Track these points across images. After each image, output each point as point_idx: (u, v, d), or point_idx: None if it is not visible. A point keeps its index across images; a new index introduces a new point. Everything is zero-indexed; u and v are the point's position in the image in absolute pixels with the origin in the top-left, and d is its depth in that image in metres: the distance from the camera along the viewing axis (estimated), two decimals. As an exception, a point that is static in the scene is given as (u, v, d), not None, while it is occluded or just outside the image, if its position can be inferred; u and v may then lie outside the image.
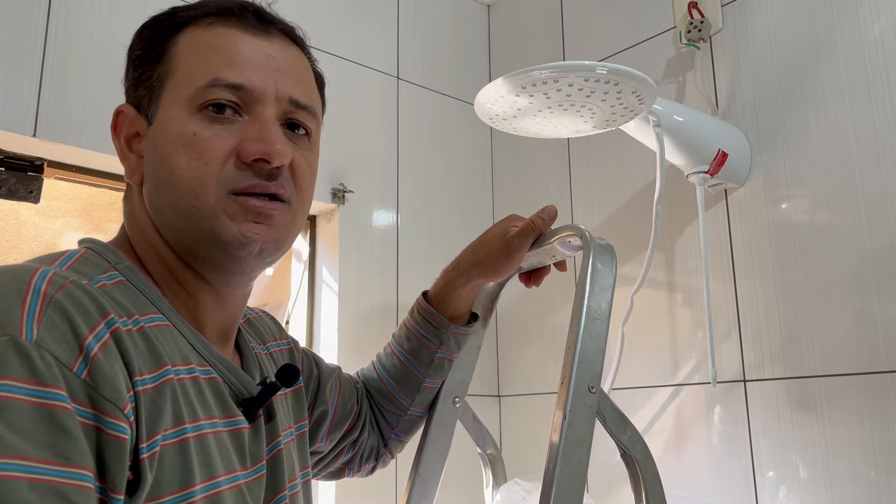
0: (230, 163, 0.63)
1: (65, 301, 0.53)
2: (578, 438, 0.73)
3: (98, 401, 0.51)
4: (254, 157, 0.63)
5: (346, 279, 1.53)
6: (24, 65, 1.18)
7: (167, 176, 0.63)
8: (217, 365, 0.66)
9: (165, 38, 0.67)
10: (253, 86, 0.65)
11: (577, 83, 1.01)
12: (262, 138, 0.64)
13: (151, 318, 0.61)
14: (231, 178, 0.63)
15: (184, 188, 0.63)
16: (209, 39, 0.66)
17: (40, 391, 0.49)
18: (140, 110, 0.67)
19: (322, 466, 0.95)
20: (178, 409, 0.59)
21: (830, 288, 1.21)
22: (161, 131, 0.65)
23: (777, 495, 1.23)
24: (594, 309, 0.80)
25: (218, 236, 0.63)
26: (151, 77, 0.66)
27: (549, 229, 0.92)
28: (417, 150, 1.71)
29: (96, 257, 0.63)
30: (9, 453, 0.46)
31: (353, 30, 1.65)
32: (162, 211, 0.65)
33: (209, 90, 0.64)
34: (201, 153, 0.63)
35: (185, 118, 0.64)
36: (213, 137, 0.63)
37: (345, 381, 0.96)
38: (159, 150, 0.64)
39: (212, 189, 0.63)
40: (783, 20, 1.33)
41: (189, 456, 0.58)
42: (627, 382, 1.45)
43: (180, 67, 0.65)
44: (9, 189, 1.20)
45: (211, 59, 0.65)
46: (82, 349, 0.52)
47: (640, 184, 1.51)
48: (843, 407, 1.17)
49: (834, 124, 1.24)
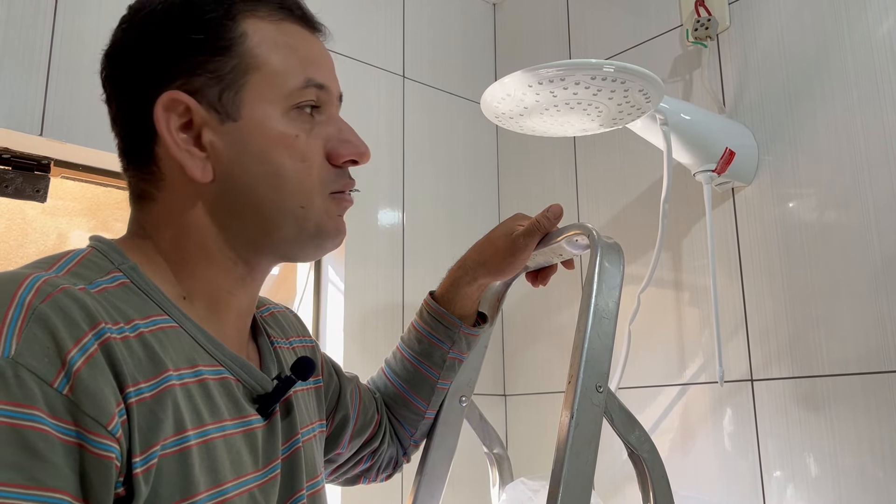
0: (325, 163, 0.67)
1: (49, 312, 0.51)
2: (586, 438, 0.73)
3: (80, 418, 0.50)
4: (347, 158, 0.68)
5: (352, 278, 1.53)
6: (30, 64, 1.18)
7: (270, 176, 0.64)
8: (228, 363, 0.64)
9: (229, 27, 0.64)
10: (331, 86, 0.68)
11: (584, 81, 1.01)
12: (349, 139, 0.68)
13: (154, 321, 0.59)
14: (330, 179, 0.67)
15: (291, 189, 0.65)
16: (286, 37, 0.66)
17: (13, 411, 0.47)
18: (201, 101, 0.63)
19: (340, 473, 0.94)
20: (179, 417, 0.57)
21: (839, 287, 1.20)
22: (255, 129, 0.64)
23: (784, 495, 1.22)
24: (602, 308, 0.79)
25: (322, 233, 0.67)
26: (222, 68, 0.63)
27: (555, 228, 0.92)
28: (423, 149, 1.71)
29: (100, 257, 0.61)
30: None
31: (360, 29, 1.65)
32: (254, 209, 0.65)
33: (304, 91, 0.65)
34: (304, 155, 0.65)
35: (280, 117, 0.64)
36: (311, 140, 0.66)
37: (364, 389, 0.95)
38: (254, 148, 0.64)
39: (318, 191, 0.66)
40: (790, 18, 1.33)
41: (190, 465, 0.57)
42: (634, 382, 1.45)
43: (265, 64, 0.64)
44: (15, 188, 1.20)
45: (296, 58, 0.66)
46: (64, 364, 0.50)
47: (647, 182, 1.51)
48: (852, 406, 1.17)
49: (842, 122, 1.23)
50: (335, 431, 0.88)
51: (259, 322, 0.76)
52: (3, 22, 1.16)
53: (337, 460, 0.91)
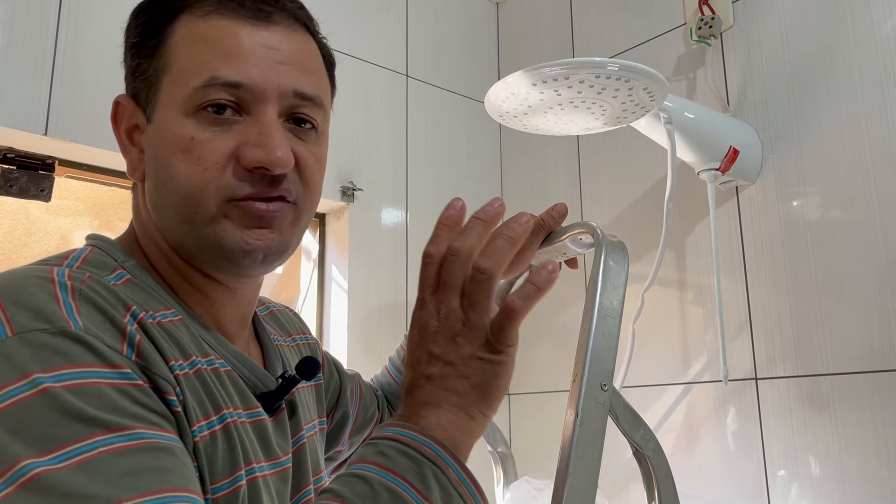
0: (230, 168, 0.60)
1: (90, 293, 0.53)
2: (591, 436, 0.73)
3: (154, 379, 0.53)
4: (253, 164, 0.60)
5: (356, 277, 1.53)
6: (35, 64, 1.18)
7: (166, 180, 0.61)
8: (232, 360, 0.65)
9: (161, 27, 0.63)
10: (253, 83, 0.60)
11: (588, 80, 1.01)
12: (262, 143, 0.60)
13: (164, 315, 0.60)
14: (231, 185, 0.60)
15: (183, 194, 0.60)
16: (205, 31, 0.61)
17: (112, 372, 0.50)
18: (138, 102, 0.64)
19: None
20: (213, 396, 0.59)
21: (843, 285, 1.20)
22: (159, 133, 0.62)
23: (789, 493, 1.22)
24: (606, 307, 0.79)
25: (220, 243, 0.61)
26: (148, 70, 0.63)
27: (560, 227, 0.92)
28: (427, 148, 1.71)
29: (102, 255, 0.62)
30: (107, 428, 0.47)
31: (363, 28, 1.65)
32: (163, 214, 0.63)
33: (206, 90, 0.60)
34: (200, 158, 0.59)
35: (182, 120, 0.60)
36: (211, 141, 0.60)
37: (365, 387, 0.95)
38: (158, 152, 0.62)
39: (212, 196, 0.60)
40: (794, 16, 1.32)
41: (234, 441, 0.59)
42: (638, 380, 1.45)
43: (176, 63, 0.61)
44: (20, 187, 1.20)
45: (207, 55, 0.60)
46: (125, 334, 0.53)
47: (651, 181, 1.51)
48: (856, 405, 1.16)
49: (846, 121, 1.23)
50: (335, 429, 0.88)
51: (260, 320, 0.76)
52: (7, 23, 1.16)
53: (337, 458, 0.91)
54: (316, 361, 0.72)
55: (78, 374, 0.48)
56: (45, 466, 0.44)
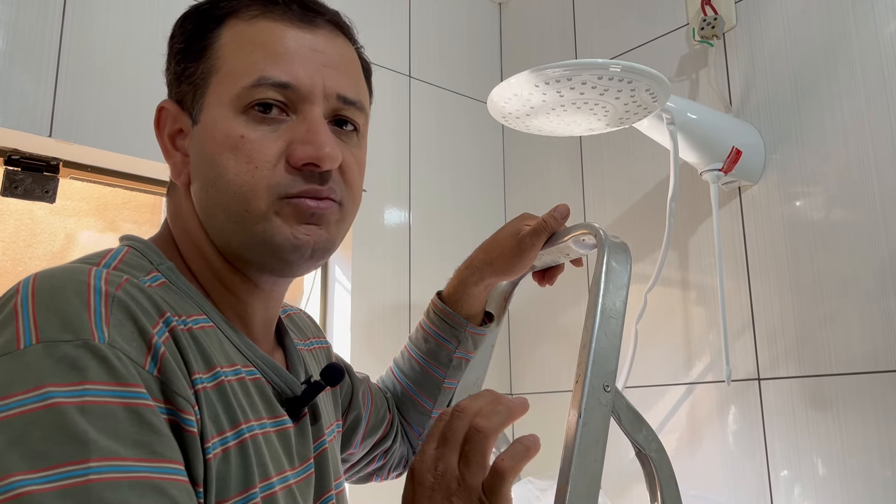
0: (280, 166, 0.61)
1: (126, 299, 0.53)
2: (593, 437, 0.73)
3: (172, 396, 0.52)
4: (304, 161, 0.61)
5: (359, 277, 1.53)
6: (39, 66, 1.18)
7: (216, 179, 0.62)
8: (261, 365, 0.65)
9: (208, 31, 0.64)
10: (300, 83, 0.62)
11: (591, 81, 1.01)
12: (311, 141, 0.62)
13: (196, 320, 0.60)
14: (282, 183, 0.61)
15: (234, 192, 0.61)
16: (253, 34, 0.63)
17: (124, 391, 0.49)
18: (183, 106, 0.65)
19: (353, 472, 0.95)
20: (232, 411, 0.58)
21: (846, 285, 1.20)
22: (207, 132, 0.62)
23: (792, 494, 1.22)
24: (609, 307, 0.79)
25: (270, 240, 0.62)
26: (195, 73, 0.64)
27: (562, 228, 0.92)
28: (429, 149, 1.71)
29: (138, 257, 0.62)
30: (103, 455, 0.46)
31: (365, 28, 1.64)
32: (211, 213, 0.63)
33: (255, 90, 0.61)
34: (250, 157, 0.61)
35: (232, 119, 0.61)
36: (261, 140, 0.61)
37: (375, 389, 0.96)
38: (206, 151, 0.62)
39: (263, 194, 0.61)
40: (797, 16, 1.32)
41: (249, 457, 0.58)
42: (641, 381, 1.45)
43: (225, 64, 0.63)
44: (25, 189, 1.21)
45: (256, 56, 0.62)
46: (150, 347, 0.52)
47: (654, 181, 1.51)
48: (859, 406, 1.16)
49: (849, 121, 1.23)
50: (347, 431, 0.89)
51: (283, 325, 0.76)
52: (12, 25, 1.17)
53: (350, 460, 0.92)
54: (340, 368, 0.72)
55: (90, 392, 0.48)
56: (33, 486, 0.44)
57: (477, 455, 0.58)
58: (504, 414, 0.61)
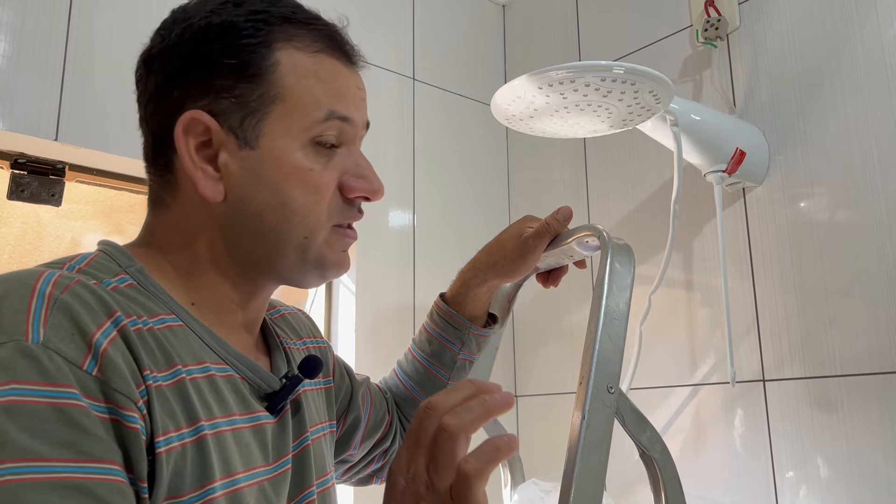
0: (337, 196, 0.68)
1: (70, 300, 0.53)
2: (597, 438, 0.73)
3: (112, 395, 0.52)
4: (359, 194, 0.69)
5: (363, 279, 1.53)
6: (45, 70, 1.19)
7: (277, 207, 0.64)
8: (234, 362, 0.66)
9: (263, 53, 0.64)
10: (356, 120, 0.69)
11: (594, 83, 1.01)
12: (363, 175, 0.69)
13: (162, 320, 0.61)
14: (338, 211, 0.68)
15: (297, 221, 0.65)
16: (316, 69, 0.66)
17: (51, 391, 0.49)
18: (223, 123, 0.64)
19: (353, 473, 0.95)
20: (192, 409, 0.58)
21: (851, 286, 1.20)
22: (271, 160, 0.64)
23: (797, 496, 1.22)
24: (612, 309, 0.79)
25: (322, 263, 0.68)
26: (248, 95, 0.64)
27: (565, 230, 0.92)
28: (433, 151, 1.72)
29: (107, 260, 0.62)
30: (24, 456, 0.46)
31: (369, 31, 1.65)
32: (261, 236, 0.65)
33: (325, 124, 0.66)
34: (317, 188, 0.66)
35: (297, 150, 0.65)
36: (324, 172, 0.66)
37: (374, 390, 0.96)
38: (268, 178, 0.64)
39: (323, 222, 0.67)
40: (801, 17, 1.32)
41: (207, 453, 0.58)
42: (645, 382, 1.45)
43: (291, 95, 0.65)
44: (31, 192, 1.22)
45: (320, 91, 0.66)
46: (91, 346, 0.52)
47: (657, 183, 1.51)
48: (864, 407, 1.16)
49: (853, 122, 1.23)
50: (347, 432, 0.89)
51: (269, 324, 0.77)
52: (18, 29, 1.17)
53: (350, 461, 0.92)
54: (318, 360, 0.73)
55: (16, 392, 0.48)
56: None
57: (444, 457, 0.53)
58: (477, 411, 0.55)
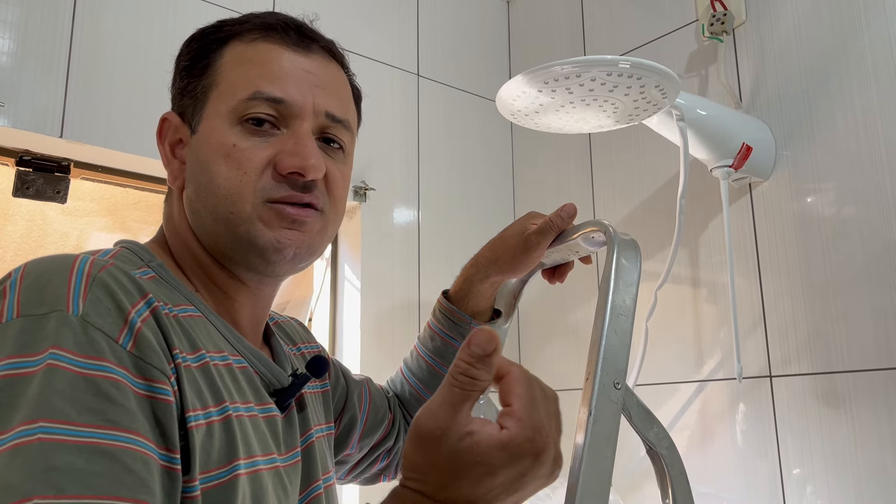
0: (267, 173, 0.67)
1: (108, 279, 0.56)
2: (604, 435, 0.73)
3: (146, 369, 0.54)
4: (289, 170, 0.67)
5: (368, 276, 1.53)
6: (50, 68, 1.19)
7: (207, 183, 0.67)
8: (248, 356, 0.68)
9: (211, 51, 0.70)
10: (292, 100, 0.68)
11: (600, 78, 1.01)
12: (297, 152, 0.67)
13: (185, 310, 0.63)
14: (267, 188, 0.67)
15: (222, 195, 0.66)
16: (252, 54, 0.69)
17: (86, 363, 0.51)
18: (184, 119, 0.70)
19: (357, 473, 0.96)
20: (217, 390, 0.61)
21: (858, 282, 1.19)
22: (203, 141, 0.68)
23: (804, 492, 1.22)
24: (619, 305, 0.79)
25: (253, 241, 0.66)
26: (196, 88, 0.69)
27: (569, 227, 0.92)
28: (438, 147, 1.71)
29: (130, 255, 0.65)
30: (55, 417, 0.48)
31: (374, 27, 1.65)
32: (200, 215, 0.68)
33: (250, 103, 0.67)
34: (240, 163, 0.66)
35: (227, 129, 0.67)
36: (251, 149, 0.66)
37: (374, 390, 0.97)
38: (201, 158, 0.68)
39: (248, 197, 0.66)
40: (807, 11, 1.32)
41: (233, 433, 0.60)
42: (652, 378, 1.44)
43: (224, 80, 0.68)
44: (36, 189, 1.22)
45: (253, 73, 0.68)
46: (127, 322, 0.54)
47: (663, 178, 1.50)
48: (872, 403, 1.16)
49: (861, 116, 1.22)
50: (343, 433, 0.90)
51: (271, 328, 0.79)
52: (23, 27, 1.17)
53: (348, 461, 0.93)
54: (325, 360, 0.76)
55: (56, 357, 0.50)
56: None
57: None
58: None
